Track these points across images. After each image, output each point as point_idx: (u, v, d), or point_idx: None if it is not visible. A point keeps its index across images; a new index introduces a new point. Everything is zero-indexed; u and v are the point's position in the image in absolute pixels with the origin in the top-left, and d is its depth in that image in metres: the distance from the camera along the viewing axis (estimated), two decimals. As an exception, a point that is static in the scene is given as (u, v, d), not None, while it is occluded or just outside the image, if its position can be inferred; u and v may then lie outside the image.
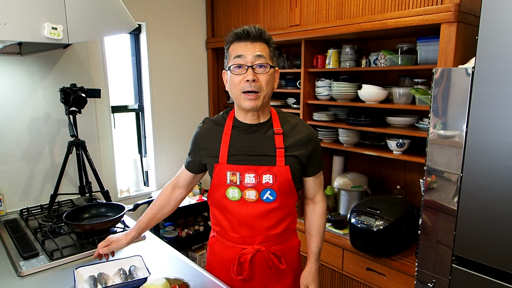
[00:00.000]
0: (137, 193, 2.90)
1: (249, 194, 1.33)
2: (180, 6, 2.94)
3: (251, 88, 1.25)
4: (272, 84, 1.32)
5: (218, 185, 1.37)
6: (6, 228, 1.87)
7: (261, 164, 1.32)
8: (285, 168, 1.32)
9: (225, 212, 1.39)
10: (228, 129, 1.37)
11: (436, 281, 1.55)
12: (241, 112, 1.36)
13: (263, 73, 1.27)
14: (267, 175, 1.31)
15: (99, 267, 1.37)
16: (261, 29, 1.28)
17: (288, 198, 1.37)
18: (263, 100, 1.29)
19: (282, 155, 1.32)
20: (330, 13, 2.23)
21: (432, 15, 1.74)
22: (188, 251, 2.89)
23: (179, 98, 3.05)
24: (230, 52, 1.30)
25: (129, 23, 1.75)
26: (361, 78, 2.52)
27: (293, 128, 1.37)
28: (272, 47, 1.32)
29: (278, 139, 1.34)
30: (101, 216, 1.86)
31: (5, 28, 1.38)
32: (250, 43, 1.26)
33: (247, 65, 1.25)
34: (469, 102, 1.35)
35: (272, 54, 1.31)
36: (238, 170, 1.33)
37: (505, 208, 1.29)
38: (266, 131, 1.36)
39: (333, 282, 2.26)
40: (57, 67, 2.33)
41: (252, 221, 1.35)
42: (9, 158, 2.20)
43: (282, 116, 1.41)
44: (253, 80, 1.24)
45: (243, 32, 1.27)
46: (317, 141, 1.42)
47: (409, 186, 2.33)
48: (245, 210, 1.35)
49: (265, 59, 1.27)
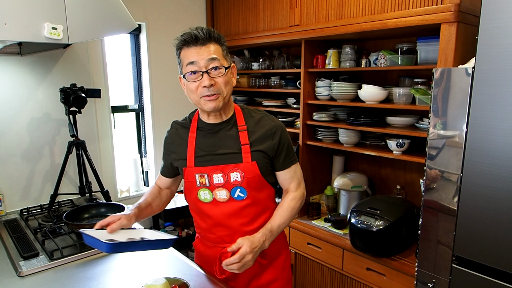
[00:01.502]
0: (137, 193, 2.90)
1: (220, 194, 1.33)
2: (180, 6, 2.94)
3: (209, 92, 1.24)
4: (231, 83, 1.31)
5: (189, 188, 1.38)
6: (6, 228, 1.87)
7: (227, 163, 1.32)
8: (252, 164, 1.31)
9: (201, 214, 1.40)
10: (193, 131, 1.38)
11: (436, 281, 1.55)
12: (204, 113, 1.36)
13: (219, 75, 1.25)
14: (235, 173, 1.31)
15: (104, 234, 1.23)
16: (209, 29, 1.26)
17: (261, 193, 1.37)
18: (224, 100, 1.28)
19: (248, 151, 1.31)
20: (330, 13, 2.23)
21: (432, 15, 1.74)
22: (188, 251, 2.89)
23: (179, 98, 3.05)
24: (182, 58, 1.27)
25: (129, 23, 1.75)
26: (361, 78, 2.52)
27: (257, 123, 1.36)
28: (224, 45, 1.29)
29: (243, 135, 1.33)
30: (101, 216, 1.86)
31: (5, 28, 1.38)
32: (200, 47, 1.23)
33: (202, 70, 1.23)
34: (469, 102, 1.35)
35: (225, 53, 1.29)
36: (205, 172, 1.33)
37: (505, 208, 1.29)
38: (230, 129, 1.35)
39: (333, 282, 2.26)
40: (57, 67, 2.33)
41: (226, 220, 1.35)
42: (9, 158, 2.20)
43: (246, 112, 1.39)
44: (210, 85, 1.23)
45: (190, 37, 1.23)
46: (284, 133, 1.38)
47: (409, 186, 2.33)
48: (218, 210, 1.35)
49: (218, 61, 1.24)
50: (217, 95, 1.25)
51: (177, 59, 1.32)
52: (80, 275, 1.42)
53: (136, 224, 1.89)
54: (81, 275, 1.42)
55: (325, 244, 2.24)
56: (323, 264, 2.28)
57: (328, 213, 2.41)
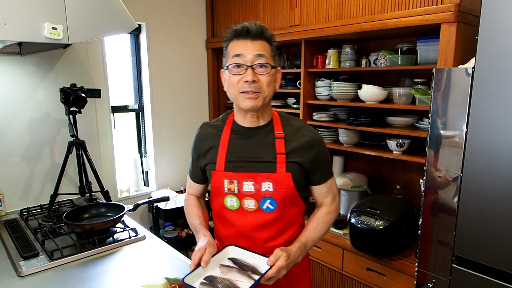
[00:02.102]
0: (137, 193, 2.90)
1: (248, 203, 1.25)
2: (180, 6, 2.94)
3: (250, 88, 1.18)
4: (274, 85, 1.25)
5: (216, 193, 1.30)
6: (6, 228, 1.87)
7: (260, 171, 1.23)
8: (286, 175, 1.23)
9: (224, 222, 1.32)
10: (226, 134, 1.30)
11: (436, 281, 1.55)
12: (240, 114, 1.29)
13: (263, 73, 1.19)
14: (267, 183, 1.23)
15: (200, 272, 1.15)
16: (262, 26, 1.20)
17: (291, 207, 1.28)
18: (264, 101, 1.21)
19: (283, 161, 1.23)
20: (330, 13, 2.23)
21: (432, 15, 1.74)
22: (188, 251, 2.89)
23: (179, 98, 3.05)
24: (229, 50, 1.22)
25: (129, 23, 1.75)
26: (361, 78, 2.51)
27: (296, 132, 1.28)
28: (274, 46, 1.24)
29: (279, 143, 1.25)
30: (101, 216, 1.86)
31: (5, 28, 1.38)
32: (250, 41, 1.18)
33: (247, 64, 1.17)
34: (469, 102, 1.35)
35: (273, 53, 1.23)
36: (236, 178, 1.25)
37: (505, 208, 1.29)
38: (266, 135, 1.27)
39: (333, 282, 2.26)
40: (57, 67, 2.33)
41: (251, 232, 1.27)
42: (9, 158, 2.20)
43: (284, 119, 1.32)
44: (252, 81, 1.17)
45: (242, 29, 1.18)
46: (322, 146, 1.30)
47: (409, 186, 2.33)
48: (244, 220, 1.27)
49: (266, 58, 1.19)
50: (257, 93, 1.19)
51: (223, 51, 1.26)
52: (80, 275, 1.42)
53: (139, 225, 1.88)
54: (81, 275, 1.42)
55: (325, 244, 2.24)
56: (323, 264, 2.28)
57: (328, 213, 2.41)
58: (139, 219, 2.91)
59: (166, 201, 2.13)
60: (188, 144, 3.16)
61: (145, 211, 2.95)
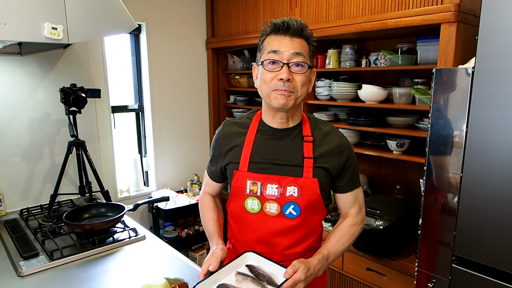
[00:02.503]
0: (137, 193, 2.90)
1: (270, 207, 1.19)
2: (180, 6, 2.94)
3: (284, 87, 1.12)
4: (308, 86, 1.17)
5: (236, 194, 1.23)
6: (6, 228, 1.87)
7: (285, 175, 1.18)
8: (313, 181, 1.17)
9: (242, 226, 1.26)
10: (252, 133, 1.24)
11: (436, 281, 1.55)
12: (269, 113, 1.22)
13: (299, 72, 1.13)
14: (292, 187, 1.17)
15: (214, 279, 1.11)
16: (303, 24, 1.14)
17: (314, 215, 1.23)
18: (296, 101, 1.15)
19: (310, 166, 1.17)
20: (330, 13, 2.23)
21: (432, 15, 1.74)
22: (188, 251, 2.89)
23: (179, 98, 3.05)
24: (265, 45, 1.16)
25: (129, 23, 1.75)
26: (361, 78, 2.52)
27: (325, 136, 1.22)
28: (312, 45, 1.17)
29: (307, 147, 1.19)
30: (101, 216, 1.86)
31: (5, 28, 1.38)
32: (290, 38, 1.12)
33: (283, 62, 1.11)
34: (469, 102, 1.35)
35: (311, 53, 1.17)
36: (259, 180, 1.19)
37: (505, 208, 1.29)
38: (294, 138, 1.21)
39: (333, 282, 2.26)
40: (57, 67, 2.33)
41: (271, 237, 1.22)
42: (9, 158, 2.20)
43: (313, 122, 1.26)
44: (287, 80, 1.11)
45: (283, 24, 1.12)
46: (352, 153, 1.24)
47: (409, 186, 2.33)
48: (265, 225, 1.21)
49: (303, 57, 1.12)
50: (290, 92, 1.13)
51: (258, 45, 1.20)
52: (80, 275, 1.42)
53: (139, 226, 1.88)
54: (81, 275, 1.42)
55: (325, 244, 2.24)
56: (323, 264, 2.28)
57: (328, 213, 2.41)
58: (139, 219, 2.91)
59: (166, 201, 2.13)
60: (188, 144, 3.16)
61: (145, 211, 2.95)
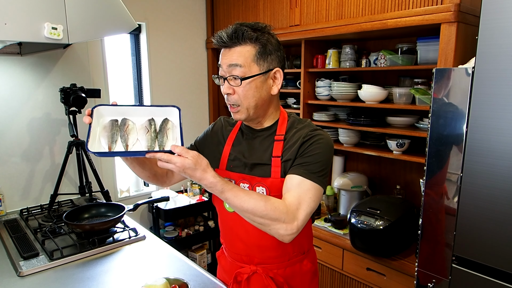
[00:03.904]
0: (137, 193, 2.90)
1: None
2: (180, 6, 2.94)
3: (228, 102, 1.12)
4: (255, 94, 1.10)
5: None
6: (6, 228, 1.87)
7: (255, 174, 1.17)
8: (281, 181, 1.12)
9: (224, 224, 1.29)
10: (235, 131, 1.26)
11: (436, 281, 1.55)
12: None
13: (236, 85, 1.09)
14: (260, 188, 1.15)
15: (126, 110, 1.08)
16: (240, 28, 1.06)
17: None
18: (249, 112, 1.12)
19: (278, 165, 1.13)
20: (330, 13, 2.23)
21: (432, 15, 1.74)
22: (188, 251, 2.89)
23: (179, 98, 3.05)
24: None
25: (129, 23, 1.75)
26: (361, 78, 2.52)
27: (296, 133, 1.16)
28: (262, 45, 1.09)
29: (277, 146, 1.15)
30: (101, 216, 1.86)
31: (5, 28, 1.38)
32: (228, 49, 1.09)
33: (223, 76, 1.11)
34: (469, 102, 1.35)
35: (260, 56, 1.08)
36: (233, 178, 1.20)
37: (505, 208, 1.29)
38: (266, 137, 1.19)
39: (333, 282, 2.26)
40: (57, 67, 2.33)
41: (246, 238, 1.21)
42: (9, 158, 2.20)
43: (291, 121, 1.21)
44: (228, 93, 1.10)
45: (219, 38, 1.08)
46: (317, 143, 1.11)
47: (409, 186, 2.33)
48: (241, 224, 1.19)
49: (239, 68, 1.06)
50: (237, 106, 1.11)
51: None
52: (80, 275, 1.42)
53: (139, 225, 1.88)
54: (81, 275, 1.42)
55: (325, 244, 2.24)
56: (323, 264, 2.28)
57: (328, 213, 2.41)
58: (139, 219, 2.91)
59: (166, 201, 2.13)
60: (187, 144, 3.15)
61: (145, 211, 2.95)
